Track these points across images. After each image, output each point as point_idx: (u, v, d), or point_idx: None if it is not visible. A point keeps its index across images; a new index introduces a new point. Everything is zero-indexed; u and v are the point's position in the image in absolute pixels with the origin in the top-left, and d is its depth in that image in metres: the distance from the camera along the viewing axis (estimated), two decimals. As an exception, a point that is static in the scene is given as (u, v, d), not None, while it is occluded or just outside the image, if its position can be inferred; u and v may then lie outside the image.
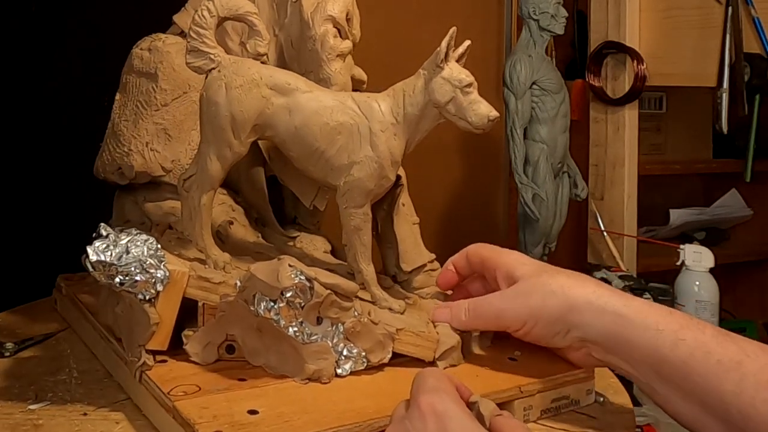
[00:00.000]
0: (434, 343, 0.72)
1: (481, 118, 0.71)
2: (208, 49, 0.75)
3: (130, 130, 0.92)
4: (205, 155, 0.75)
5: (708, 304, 1.35)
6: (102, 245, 0.68)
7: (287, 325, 0.66)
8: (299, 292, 0.66)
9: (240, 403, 0.62)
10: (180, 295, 0.70)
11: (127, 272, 0.68)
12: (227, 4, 0.76)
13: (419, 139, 0.75)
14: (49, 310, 0.97)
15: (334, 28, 0.83)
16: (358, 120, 0.74)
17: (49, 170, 1.26)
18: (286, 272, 0.66)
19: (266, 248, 0.87)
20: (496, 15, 1.74)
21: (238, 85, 0.73)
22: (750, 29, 1.37)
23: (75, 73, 1.29)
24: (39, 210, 1.26)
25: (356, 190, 0.74)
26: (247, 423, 0.59)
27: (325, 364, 0.68)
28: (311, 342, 0.67)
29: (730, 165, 1.81)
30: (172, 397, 0.63)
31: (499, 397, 0.67)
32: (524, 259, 0.74)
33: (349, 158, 0.73)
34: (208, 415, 0.60)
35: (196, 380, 0.66)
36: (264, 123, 0.74)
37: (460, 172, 1.72)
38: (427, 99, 0.72)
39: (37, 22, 1.26)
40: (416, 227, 0.88)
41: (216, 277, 0.71)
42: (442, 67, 0.71)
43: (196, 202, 0.75)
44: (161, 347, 0.70)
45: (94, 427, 0.65)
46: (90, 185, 0.98)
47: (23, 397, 0.72)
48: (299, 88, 0.74)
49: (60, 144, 1.27)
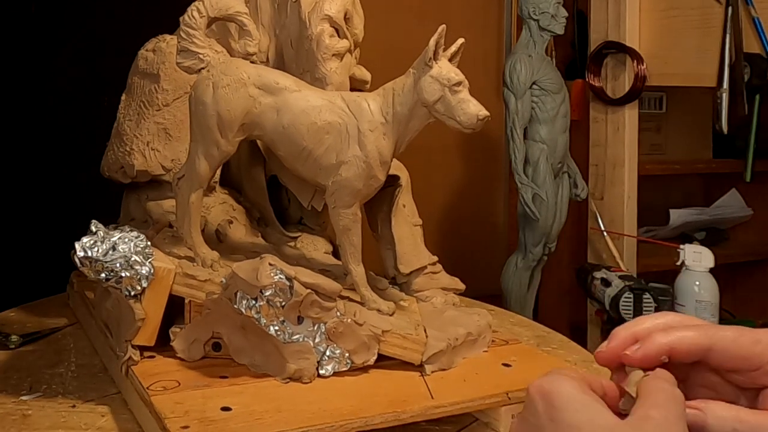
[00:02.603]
0: (421, 345, 0.71)
1: (469, 117, 0.70)
2: (197, 49, 0.75)
3: (133, 130, 0.93)
4: (193, 154, 0.75)
5: (708, 304, 1.34)
6: (89, 242, 0.70)
7: (268, 323, 0.67)
8: (279, 290, 0.66)
9: (215, 400, 0.63)
10: (166, 292, 0.71)
11: (112, 268, 0.69)
12: (217, 4, 0.77)
13: (410, 138, 0.74)
14: (62, 306, 0.99)
15: (331, 27, 0.83)
16: (347, 119, 0.73)
17: (65, 169, 1.28)
18: (265, 271, 0.66)
19: (264, 248, 0.87)
20: (496, 15, 1.74)
21: (225, 84, 0.73)
22: (750, 29, 1.36)
23: (75, 73, 1.29)
24: (57, 208, 1.27)
25: (344, 190, 0.73)
26: (217, 419, 0.59)
27: (306, 363, 0.68)
28: (292, 341, 0.67)
29: (730, 165, 1.81)
30: (150, 391, 0.64)
31: (484, 402, 0.66)
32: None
33: (337, 158, 0.73)
34: (180, 410, 0.60)
35: (178, 376, 0.67)
36: (252, 122, 0.74)
37: (460, 172, 1.72)
38: (416, 98, 0.71)
39: (37, 22, 1.26)
40: (418, 229, 0.88)
41: (202, 274, 0.72)
42: (430, 65, 0.71)
43: (186, 200, 0.76)
44: (148, 343, 0.71)
45: (80, 419, 0.67)
46: (106, 183, 0.99)
47: (19, 388, 0.74)
48: (288, 87, 0.74)
49: (67, 144, 1.27)
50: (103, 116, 1.01)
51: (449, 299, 0.85)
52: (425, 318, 0.77)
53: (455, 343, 0.73)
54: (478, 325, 0.77)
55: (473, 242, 1.72)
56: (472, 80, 0.72)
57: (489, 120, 0.71)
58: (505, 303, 1.41)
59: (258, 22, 0.87)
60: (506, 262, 1.45)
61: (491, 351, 0.77)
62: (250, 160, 0.92)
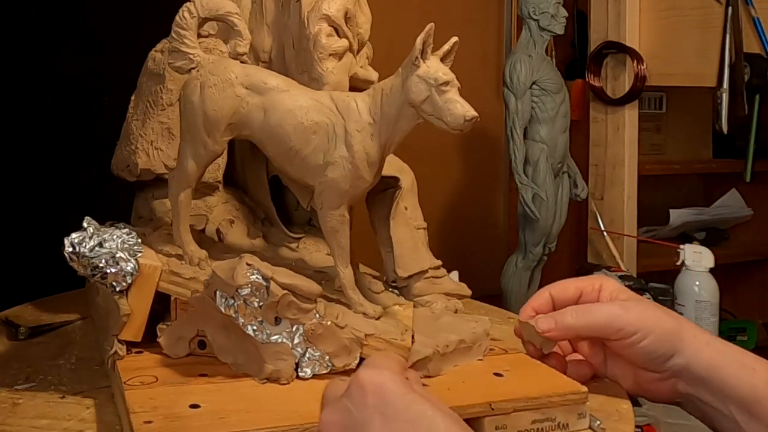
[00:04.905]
0: (405, 351, 0.70)
1: (456, 118, 0.67)
2: (187, 50, 0.76)
3: (139, 129, 0.94)
4: (182, 154, 0.76)
5: (708, 304, 1.34)
6: (78, 237, 0.71)
7: (246, 323, 0.67)
8: (255, 290, 0.66)
9: (187, 397, 0.63)
10: (152, 289, 0.72)
11: (97, 264, 0.70)
12: (207, 4, 0.77)
13: (399, 139, 0.73)
14: (80, 301, 1.01)
15: (329, 27, 0.83)
16: (335, 119, 0.72)
17: (73, 168, 1.28)
18: (242, 270, 0.66)
19: (262, 247, 0.87)
20: (496, 15, 1.74)
21: (212, 84, 0.73)
22: (750, 29, 1.36)
23: (75, 73, 1.29)
24: (73, 205, 1.27)
25: (331, 190, 0.72)
26: (182, 416, 0.59)
27: (284, 365, 0.67)
28: (270, 342, 0.67)
29: (730, 165, 1.81)
30: (126, 385, 0.65)
31: (465, 412, 0.62)
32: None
33: (324, 158, 0.72)
34: (149, 405, 0.61)
35: (158, 372, 0.68)
36: (239, 122, 0.74)
37: (460, 172, 1.72)
38: (403, 98, 0.70)
39: (37, 23, 1.26)
40: (420, 232, 0.86)
41: (187, 272, 0.73)
42: (417, 65, 0.69)
43: (175, 198, 0.77)
44: (134, 338, 0.72)
45: (65, 409, 0.68)
46: (116, 182, 1.00)
47: (17, 378, 0.76)
48: (276, 87, 0.74)
49: (77, 142, 1.28)
50: (104, 116, 1.01)
51: (451, 305, 0.83)
52: (419, 323, 0.76)
53: (445, 350, 0.71)
54: (474, 333, 0.75)
55: (473, 242, 1.72)
56: (472, 80, 0.71)
57: (478, 121, 0.68)
58: (505, 303, 1.41)
59: (263, 22, 0.88)
60: (506, 262, 1.45)
61: (486, 360, 0.75)
62: (253, 159, 0.93)
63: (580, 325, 0.71)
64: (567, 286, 0.76)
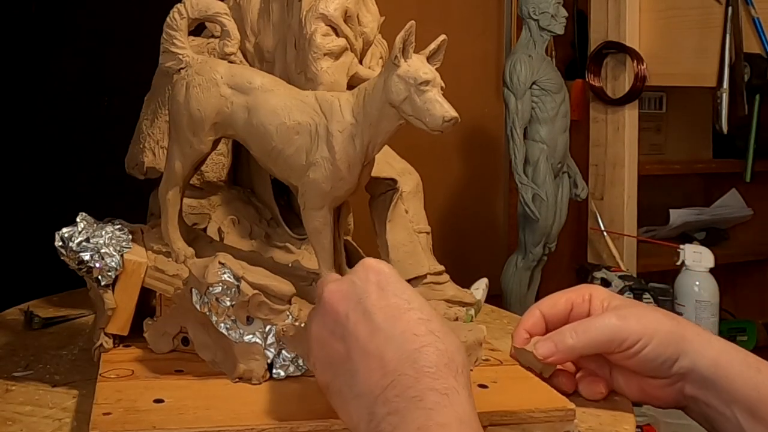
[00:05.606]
0: None
1: (435, 119, 0.65)
2: (177, 50, 0.76)
3: (148, 128, 0.95)
4: (170, 153, 0.77)
5: (708, 304, 1.34)
6: (68, 232, 0.73)
7: (219, 321, 0.67)
8: (226, 289, 0.66)
9: (155, 392, 0.64)
10: (138, 285, 0.73)
11: (83, 258, 0.72)
12: (197, 5, 0.78)
13: (383, 140, 0.71)
14: None
15: (326, 26, 0.83)
16: (317, 119, 0.71)
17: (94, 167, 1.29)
18: (213, 269, 0.67)
19: (262, 248, 0.87)
20: (496, 15, 1.74)
21: (197, 84, 0.74)
22: (750, 29, 1.36)
23: (75, 73, 1.29)
24: (87, 204, 1.28)
25: (313, 191, 0.72)
26: (143, 410, 0.60)
27: (256, 365, 0.67)
28: (243, 341, 0.67)
29: (730, 165, 1.81)
30: (101, 377, 0.66)
31: None
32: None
33: (306, 159, 0.71)
34: (114, 398, 0.62)
35: (136, 366, 0.69)
36: (223, 121, 0.74)
37: (460, 172, 1.72)
38: (385, 98, 0.68)
39: (37, 22, 1.26)
40: (422, 236, 0.85)
41: (171, 269, 0.74)
42: (397, 64, 0.67)
43: (163, 197, 0.78)
44: (121, 332, 0.74)
45: (52, 398, 0.70)
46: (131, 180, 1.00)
47: (19, 364, 0.78)
48: (261, 86, 0.74)
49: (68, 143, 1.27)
50: (104, 116, 1.01)
51: (451, 313, 0.81)
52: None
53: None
54: (464, 342, 0.70)
55: (473, 242, 1.72)
56: (472, 80, 0.70)
57: (458, 122, 0.66)
58: (505, 303, 1.41)
59: (269, 22, 0.88)
60: (506, 262, 1.45)
61: (477, 370, 0.72)
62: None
63: (581, 344, 0.68)
64: (556, 301, 0.74)
